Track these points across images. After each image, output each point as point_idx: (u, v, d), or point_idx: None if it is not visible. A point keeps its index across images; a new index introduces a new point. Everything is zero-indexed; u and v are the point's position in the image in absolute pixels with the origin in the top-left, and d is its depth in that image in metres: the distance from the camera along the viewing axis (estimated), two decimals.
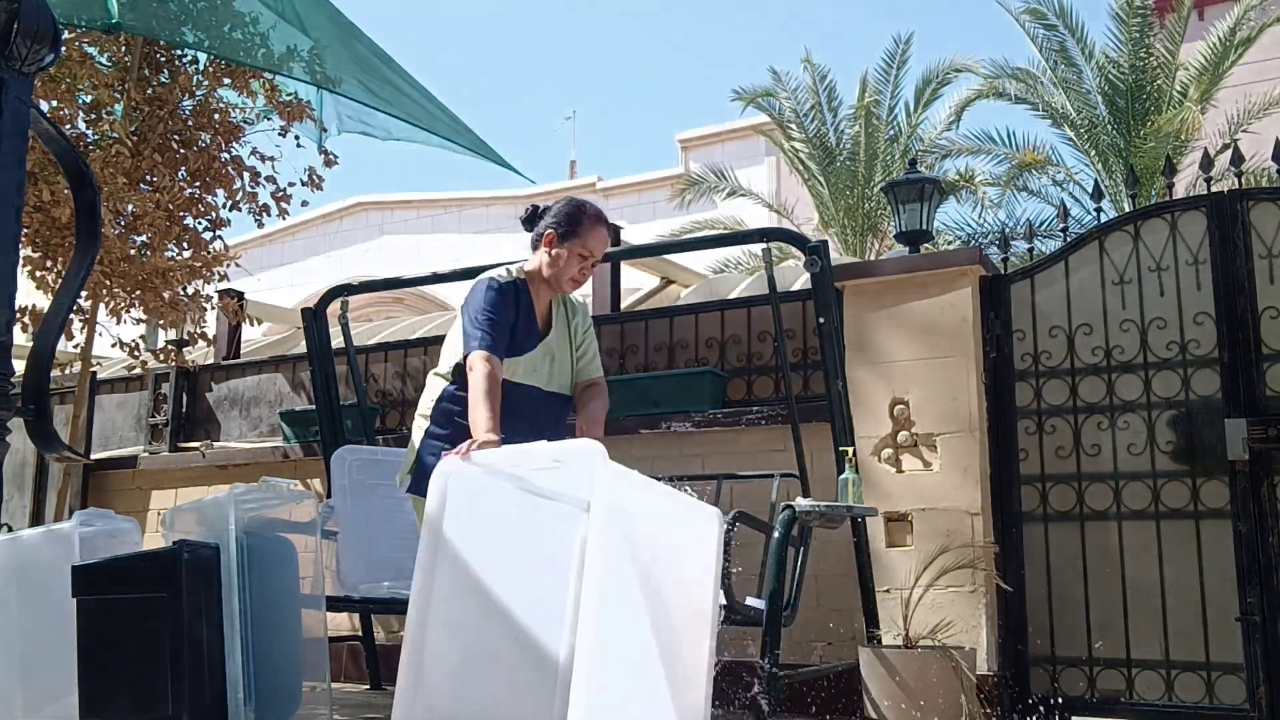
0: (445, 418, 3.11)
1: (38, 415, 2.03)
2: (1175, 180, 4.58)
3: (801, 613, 4.04)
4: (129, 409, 7.05)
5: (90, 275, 3.55)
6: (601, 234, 3.16)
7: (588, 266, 3.16)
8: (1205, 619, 4.01)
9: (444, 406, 3.13)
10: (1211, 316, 4.13)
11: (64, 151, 2.29)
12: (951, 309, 4.40)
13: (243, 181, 5.80)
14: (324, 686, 4.02)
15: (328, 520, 4.52)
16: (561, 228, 3.12)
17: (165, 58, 5.53)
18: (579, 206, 3.17)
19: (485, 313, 3.00)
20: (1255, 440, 3.95)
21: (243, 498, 3.81)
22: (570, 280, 3.15)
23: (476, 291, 3.07)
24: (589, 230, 3.13)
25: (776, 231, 5.05)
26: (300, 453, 6.08)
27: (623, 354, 5.42)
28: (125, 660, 3.55)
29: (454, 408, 3.10)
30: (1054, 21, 11.98)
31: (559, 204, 3.20)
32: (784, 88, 13.16)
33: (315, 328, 5.30)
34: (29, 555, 4.21)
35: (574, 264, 3.12)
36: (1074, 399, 4.33)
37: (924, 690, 3.76)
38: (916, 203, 4.75)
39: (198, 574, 3.59)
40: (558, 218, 3.14)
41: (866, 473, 4.35)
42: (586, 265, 3.15)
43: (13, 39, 1.85)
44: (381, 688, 5.36)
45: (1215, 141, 10.57)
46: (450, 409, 3.11)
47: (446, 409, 3.12)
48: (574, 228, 3.12)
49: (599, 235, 3.15)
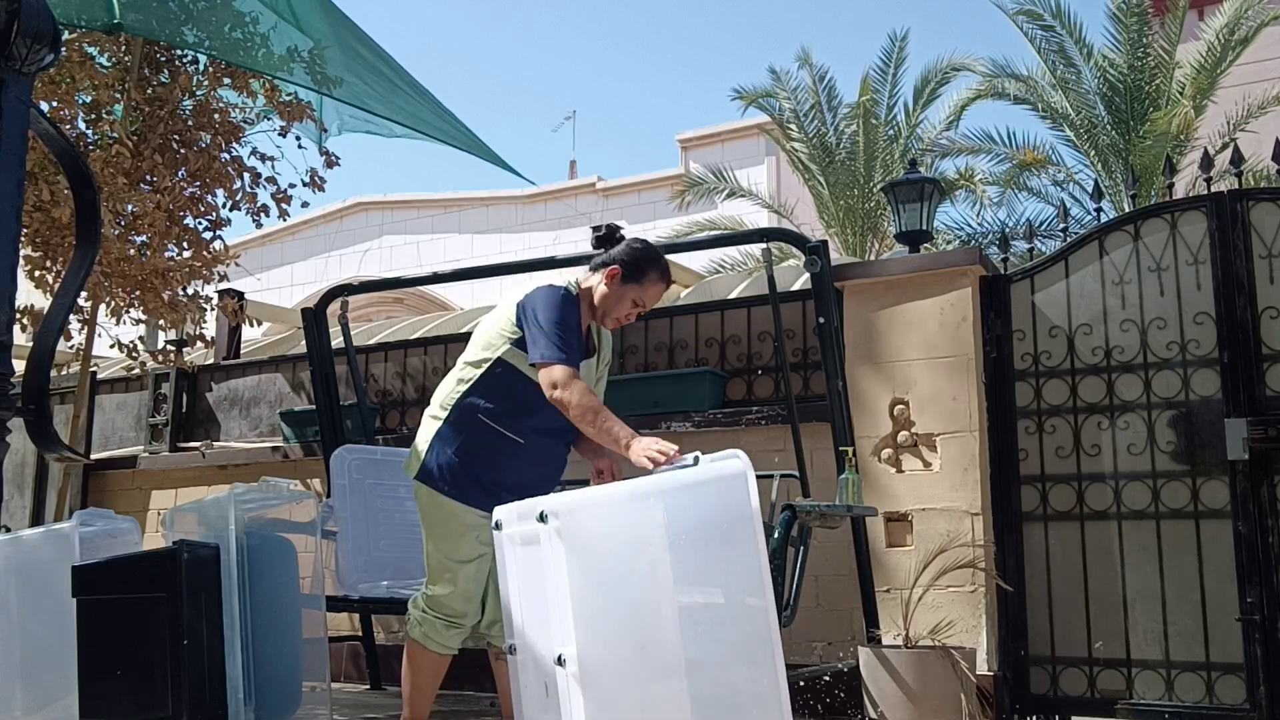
0: (467, 413, 3.08)
1: (38, 415, 2.02)
2: (1175, 180, 4.58)
3: (801, 613, 4.04)
4: (129, 409, 7.05)
5: (90, 275, 3.55)
6: (660, 290, 3.16)
7: (635, 314, 3.15)
8: (1205, 619, 4.01)
9: (470, 399, 3.08)
10: (1211, 316, 4.13)
11: (64, 151, 2.29)
12: (951, 309, 4.40)
13: (243, 182, 5.80)
14: (324, 686, 4.03)
15: (328, 520, 4.52)
16: (629, 269, 3.08)
17: (165, 58, 5.53)
18: (654, 259, 3.13)
19: (564, 324, 2.93)
20: (1255, 440, 3.95)
21: (243, 498, 3.81)
22: (615, 319, 3.13)
23: (551, 296, 2.97)
24: (652, 284, 3.12)
25: (776, 231, 5.06)
26: (300, 453, 6.08)
27: (623, 354, 5.42)
28: (125, 660, 3.55)
29: (478, 403, 3.06)
30: (1051, 22, 11.97)
31: (637, 243, 3.16)
32: (784, 87, 13.15)
33: (315, 328, 5.30)
34: (29, 555, 4.21)
35: (625, 307, 3.11)
36: (1074, 399, 4.33)
37: (924, 690, 3.76)
38: (916, 203, 4.76)
39: (198, 574, 3.59)
40: (629, 257, 3.10)
41: (866, 473, 4.35)
42: (635, 312, 3.14)
43: (13, 39, 1.84)
44: (381, 688, 5.36)
45: (1215, 141, 10.57)
46: (474, 404, 3.07)
47: (471, 404, 3.08)
48: (640, 276, 3.09)
49: (657, 290, 3.15)
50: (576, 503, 2.24)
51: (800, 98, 13.14)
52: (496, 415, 3.06)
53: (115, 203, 5.08)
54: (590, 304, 3.12)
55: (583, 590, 2.11)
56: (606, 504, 2.32)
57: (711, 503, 2.34)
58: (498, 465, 3.07)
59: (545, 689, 2.16)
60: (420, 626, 3.13)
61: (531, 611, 2.23)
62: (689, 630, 2.23)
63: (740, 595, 2.33)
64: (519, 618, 2.26)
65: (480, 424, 3.06)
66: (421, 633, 3.12)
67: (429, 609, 3.12)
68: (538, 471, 3.12)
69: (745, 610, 2.31)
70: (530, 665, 2.23)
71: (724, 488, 2.33)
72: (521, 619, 2.25)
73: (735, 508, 2.32)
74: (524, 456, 3.08)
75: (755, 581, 2.31)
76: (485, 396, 3.06)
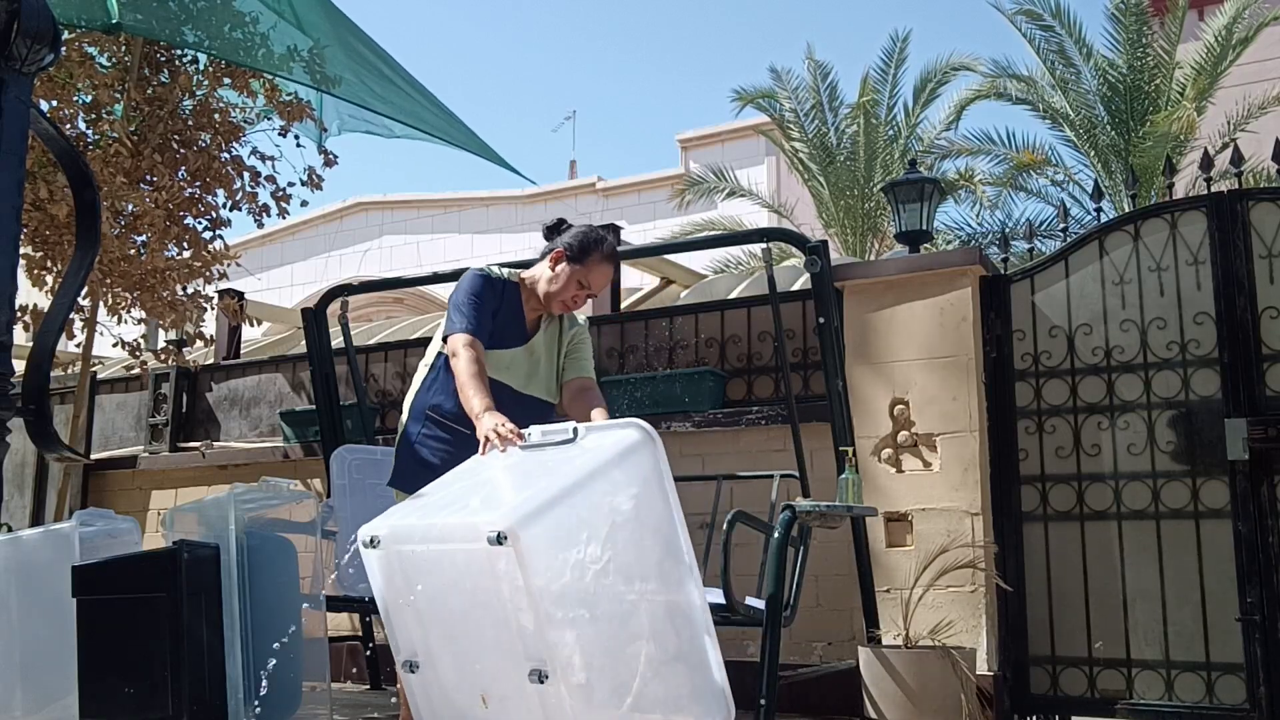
0: (425, 414, 3.14)
1: (38, 415, 2.02)
2: (1175, 180, 4.58)
3: (801, 613, 4.04)
4: (129, 409, 7.04)
5: (90, 274, 3.55)
6: (605, 271, 3.18)
7: (582, 296, 3.17)
8: (1205, 619, 4.01)
9: (422, 399, 3.15)
10: (1211, 316, 4.13)
11: (64, 151, 2.29)
12: (951, 309, 4.40)
13: (243, 181, 5.80)
14: (324, 686, 4.03)
15: (328, 520, 4.52)
16: (572, 251, 3.14)
17: (165, 58, 5.53)
18: (597, 240, 3.17)
19: (470, 297, 3.04)
20: (1255, 440, 3.95)
21: (243, 498, 3.81)
22: (560, 303, 3.16)
23: (464, 280, 3.12)
24: (595, 264, 3.14)
25: (776, 231, 5.05)
26: (300, 453, 6.08)
27: (623, 354, 5.42)
28: (125, 660, 3.55)
29: (432, 402, 3.12)
30: (1050, 22, 11.98)
31: (581, 228, 3.21)
32: (784, 87, 13.15)
33: (315, 328, 5.30)
34: (29, 555, 4.21)
35: (570, 289, 3.14)
36: (1074, 399, 4.33)
37: (924, 690, 3.76)
38: (916, 203, 4.76)
39: (198, 574, 3.59)
40: (573, 240, 3.15)
41: (866, 473, 4.35)
42: (581, 294, 3.17)
43: (13, 39, 1.85)
44: (381, 688, 5.36)
45: (1214, 141, 10.57)
46: (428, 400, 3.14)
47: (423, 400, 3.15)
48: (583, 257, 3.13)
49: (602, 271, 3.17)
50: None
51: (801, 97, 13.14)
52: (450, 412, 3.12)
53: (115, 202, 5.08)
54: (534, 292, 3.17)
55: None
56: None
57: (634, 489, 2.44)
58: (457, 456, 3.10)
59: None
60: None
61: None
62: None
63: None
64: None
65: (438, 422, 3.13)
66: None
67: None
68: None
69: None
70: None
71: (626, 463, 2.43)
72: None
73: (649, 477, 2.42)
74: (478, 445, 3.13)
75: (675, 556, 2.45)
76: (438, 396, 3.14)
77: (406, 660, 2.41)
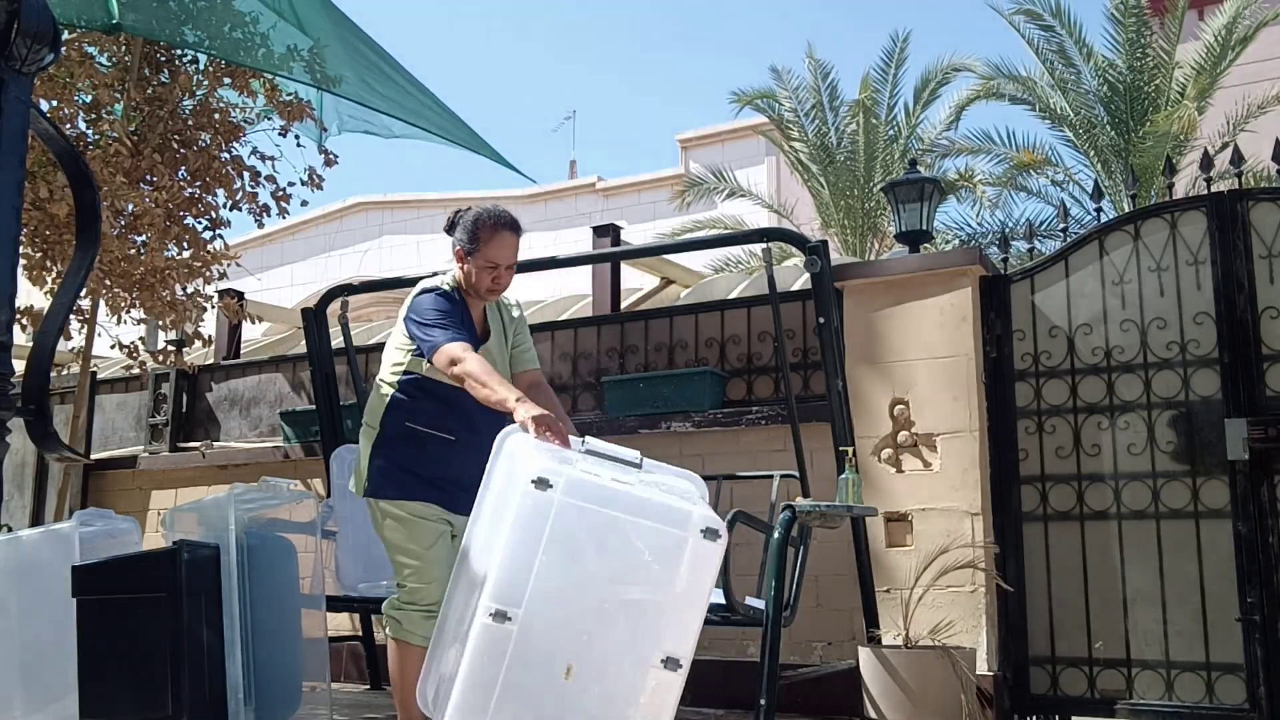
0: (395, 425, 3.17)
1: (38, 415, 2.02)
2: (1175, 180, 4.58)
3: (801, 613, 4.04)
4: (129, 409, 7.04)
5: (90, 275, 3.55)
6: (503, 240, 3.15)
7: (500, 274, 3.17)
8: (1205, 619, 4.01)
9: (394, 414, 3.17)
10: (1211, 316, 4.13)
11: (64, 151, 2.29)
12: (951, 309, 4.40)
13: (243, 181, 5.80)
14: (324, 686, 4.03)
15: (328, 520, 4.52)
16: (464, 244, 3.16)
17: (165, 58, 5.52)
18: (477, 219, 3.17)
19: (439, 314, 3.06)
20: (1255, 440, 3.95)
21: (243, 498, 3.82)
22: (488, 290, 3.18)
23: (422, 301, 3.11)
24: (488, 241, 3.14)
25: (776, 231, 5.05)
26: (300, 453, 6.08)
27: (623, 354, 5.42)
28: (125, 660, 3.55)
29: (401, 413, 3.16)
30: (1050, 22, 11.97)
31: (469, 215, 3.20)
32: (784, 87, 13.14)
33: (315, 328, 5.30)
34: (29, 555, 4.21)
35: (485, 276, 3.15)
36: (1074, 399, 4.33)
37: (924, 690, 3.76)
38: (916, 203, 4.75)
39: (198, 574, 3.59)
40: (461, 233, 3.17)
41: (866, 473, 4.35)
42: (499, 273, 3.16)
43: (13, 39, 1.84)
44: (381, 688, 5.36)
45: (1215, 141, 10.56)
46: (399, 415, 3.16)
47: (396, 416, 3.17)
48: (475, 243, 3.14)
49: (500, 243, 3.15)
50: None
51: (801, 97, 13.14)
52: (421, 420, 3.16)
53: (115, 202, 5.08)
54: (468, 292, 3.20)
55: None
56: None
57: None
58: (439, 461, 3.16)
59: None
60: (400, 624, 3.12)
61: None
62: None
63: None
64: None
65: (409, 431, 3.16)
66: (402, 629, 3.12)
67: (405, 603, 3.13)
68: (477, 459, 3.08)
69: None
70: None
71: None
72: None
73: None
74: (459, 449, 3.16)
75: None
76: (406, 406, 3.16)
77: (500, 610, 2.33)
